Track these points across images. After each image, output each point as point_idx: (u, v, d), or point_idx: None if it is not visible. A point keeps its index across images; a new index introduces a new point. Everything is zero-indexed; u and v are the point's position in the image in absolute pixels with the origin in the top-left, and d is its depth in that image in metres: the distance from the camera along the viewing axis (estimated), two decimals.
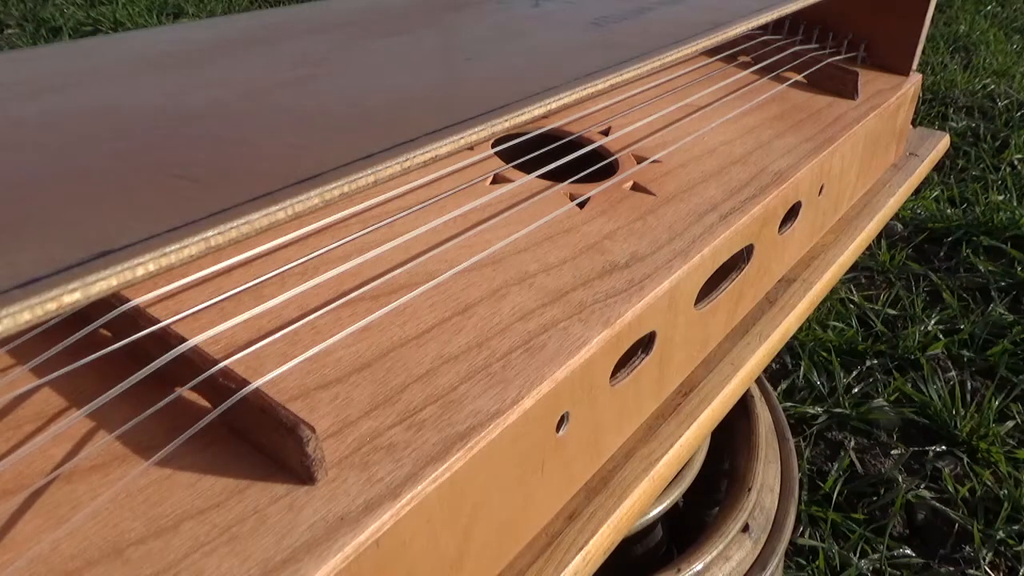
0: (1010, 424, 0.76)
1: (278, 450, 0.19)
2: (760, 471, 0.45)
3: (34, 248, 0.15)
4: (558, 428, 0.24)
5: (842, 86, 0.47)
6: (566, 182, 0.33)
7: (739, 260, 0.34)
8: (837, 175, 0.43)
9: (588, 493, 0.27)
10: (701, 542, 0.40)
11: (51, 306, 0.14)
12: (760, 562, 0.41)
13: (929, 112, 1.43)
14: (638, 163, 0.36)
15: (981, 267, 0.99)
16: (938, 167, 1.25)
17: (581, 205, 0.32)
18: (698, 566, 0.39)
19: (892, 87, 0.50)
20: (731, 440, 0.48)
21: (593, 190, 0.33)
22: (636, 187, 0.34)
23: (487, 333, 0.24)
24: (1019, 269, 0.99)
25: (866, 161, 0.48)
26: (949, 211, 1.10)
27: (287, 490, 0.18)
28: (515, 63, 0.30)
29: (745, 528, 0.41)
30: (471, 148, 0.28)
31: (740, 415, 0.49)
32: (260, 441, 0.19)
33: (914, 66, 0.52)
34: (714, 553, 0.40)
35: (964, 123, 1.38)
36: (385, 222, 0.29)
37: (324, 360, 0.22)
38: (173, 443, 0.19)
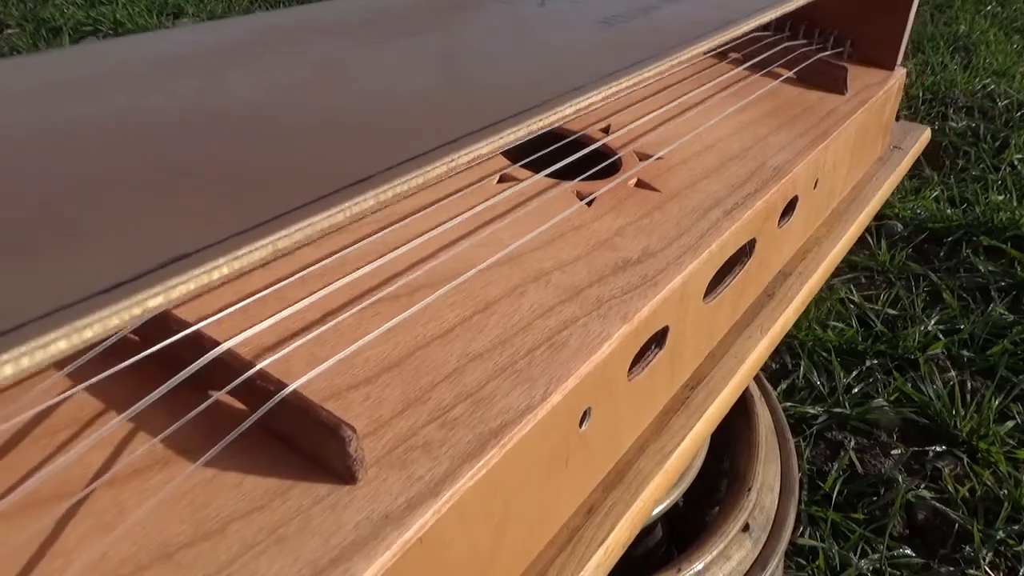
0: (1010, 424, 0.76)
1: (318, 451, 0.19)
2: (760, 471, 0.45)
3: (107, 255, 0.16)
4: (580, 423, 0.25)
5: (832, 81, 0.48)
6: (574, 180, 0.33)
7: (742, 254, 0.35)
8: (830, 169, 0.44)
9: (605, 488, 0.27)
10: (701, 542, 0.40)
11: (136, 311, 0.14)
12: (760, 562, 0.41)
13: (929, 112, 1.43)
14: (640, 160, 0.37)
15: (981, 267, 0.99)
16: (938, 167, 1.25)
17: (589, 203, 0.33)
18: (698, 566, 0.39)
19: (879, 82, 0.51)
20: (731, 440, 0.48)
21: (600, 188, 0.34)
22: (640, 184, 0.35)
23: (510, 331, 0.25)
24: (1019, 269, 0.99)
25: (856, 155, 0.48)
26: (949, 211, 1.10)
27: (329, 490, 0.19)
28: (536, 64, 0.30)
29: (745, 528, 0.42)
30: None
31: (740, 415, 0.49)
32: (299, 442, 0.19)
33: (899, 61, 0.53)
34: (714, 553, 0.40)
35: (964, 123, 1.38)
36: (399, 223, 0.29)
37: (352, 361, 0.23)
38: (216, 447, 0.19)
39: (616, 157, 0.37)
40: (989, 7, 2.06)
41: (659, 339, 0.29)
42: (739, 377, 0.33)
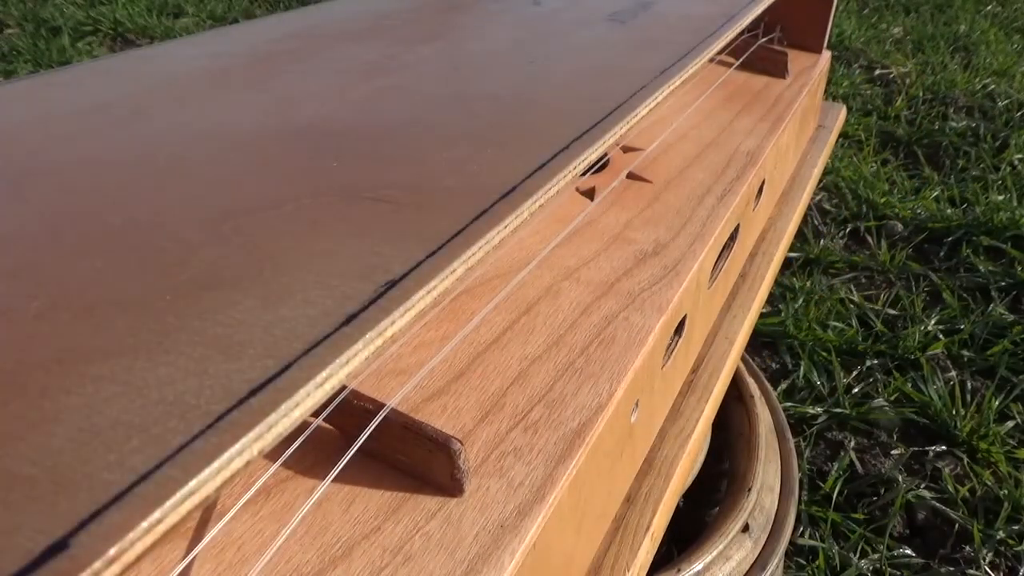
0: (1010, 424, 0.76)
1: (422, 466, 0.19)
2: (760, 471, 0.45)
3: (319, 287, 0.16)
4: (631, 415, 0.25)
5: (773, 66, 0.50)
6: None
7: (731, 239, 0.36)
8: (784, 151, 0.45)
9: (637, 476, 0.27)
10: (701, 542, 0.40)
11: (379, 342, 0.14)
12: (760, 562, 0.41)
13: (929, 112, 1.43)
14: (624, 153, 0.37)
15: (981, 267, 0.99)
16: (938, 167, 1.25)
17: (591, 198, 0.33)
18: (698, 566, 0.39)
19: (811, 65, 0.52)
20: (731, 440, 0.48)
21: (596, 183, 0.34)
22: (632, 176, 0.35)
23: (558, 330, 0.25)
24: (1019, 269, 0.99)
25: (800, 135, 0.50)
26: (949, 211, 1.10)
27: (438, 504, 0.18)
28: (590, 64, 0.31)
29: (745, 528, 0.41)
30: None
31: (740, 415, 0.49)
32: (399, 459, 0.19)
33: (825, 44, 0.55)
34: (714, 553, 0.40)
35: (964, 123, 1.38)
36: None
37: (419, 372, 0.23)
38: (331, 474, 0.19)
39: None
40: (989, 7, 2.06)
41: (679, 327, 0.29)
42: (732, 357, 0.34)
